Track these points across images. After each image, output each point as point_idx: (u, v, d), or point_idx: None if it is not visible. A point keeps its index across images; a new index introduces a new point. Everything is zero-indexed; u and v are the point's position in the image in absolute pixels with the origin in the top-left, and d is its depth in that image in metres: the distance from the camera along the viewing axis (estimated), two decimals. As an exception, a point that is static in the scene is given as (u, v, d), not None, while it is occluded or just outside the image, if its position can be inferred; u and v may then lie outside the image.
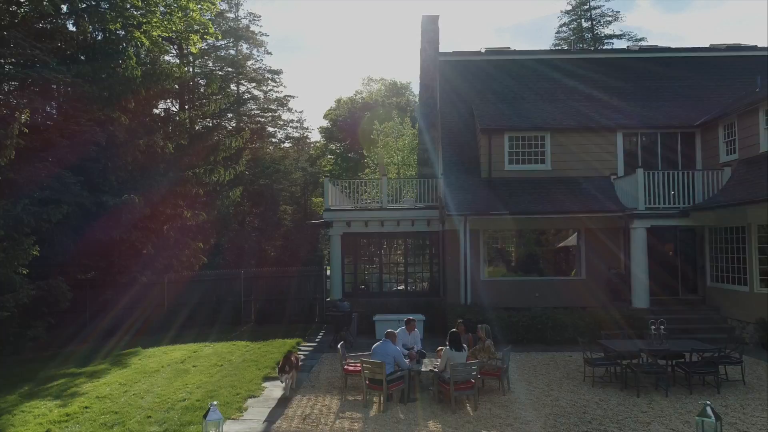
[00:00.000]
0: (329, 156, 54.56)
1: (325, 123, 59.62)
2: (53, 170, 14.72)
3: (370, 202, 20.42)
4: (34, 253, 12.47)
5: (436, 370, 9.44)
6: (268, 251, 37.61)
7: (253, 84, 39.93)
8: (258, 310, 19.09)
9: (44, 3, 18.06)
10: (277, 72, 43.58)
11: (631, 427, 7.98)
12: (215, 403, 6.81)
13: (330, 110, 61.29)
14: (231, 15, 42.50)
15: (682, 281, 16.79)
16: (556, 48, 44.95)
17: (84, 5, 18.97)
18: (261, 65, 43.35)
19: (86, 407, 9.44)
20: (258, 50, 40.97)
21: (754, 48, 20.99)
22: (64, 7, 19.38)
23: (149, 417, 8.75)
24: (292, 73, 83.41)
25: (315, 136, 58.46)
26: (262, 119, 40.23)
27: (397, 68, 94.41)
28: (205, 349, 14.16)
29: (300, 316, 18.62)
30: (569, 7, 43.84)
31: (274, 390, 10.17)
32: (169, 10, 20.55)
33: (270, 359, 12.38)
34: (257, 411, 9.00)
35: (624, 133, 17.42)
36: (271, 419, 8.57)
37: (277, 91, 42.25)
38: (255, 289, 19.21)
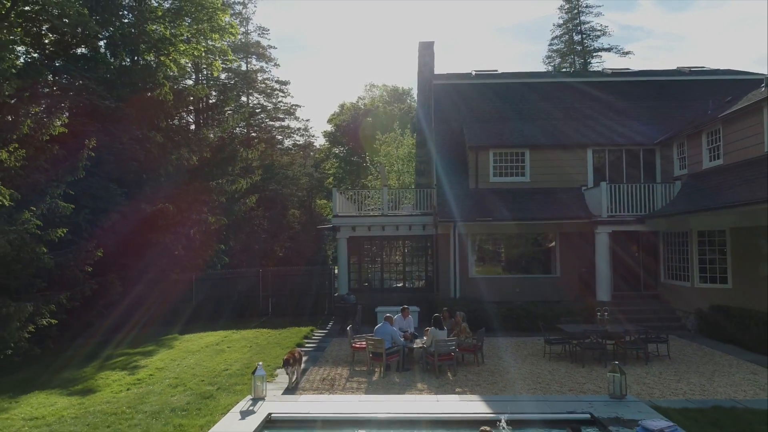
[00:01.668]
0: (333, 159, 57.24)
1: (329, 127, 62.40)
2: (104, 184, 17.33)
3: (372, 209, 23.06)
4: (99, 254, 15.12)
5: (424, 346, 12.03)
6: (277, 251, 40.20)
7: (263, 96, 42.57)
8: (274, 303, 21.69)
9: (85, 32, 20.63)
10: (285, 83, 46.30)
11: (569, 386, 10.56)
12: (260, 363, 9.44)
13: (334, 115, 63.94)
14: (241, 29, 45.19)
15: (644, 278, 19.34)
16: (548, 58, 47.67)
17: (120, 33, 21.59)
18: (269, 75, 46.11)
19: (151, 374, 12.07)
20: (267, 63, 43.60)
21: (716, 72, 23.59)
22: (99, 35, 22.07)
23: (202, 380, 11.36)
24: (293, 73, 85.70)
25: (318, 137, 61.00)
26: (272, 129, 42.82)
27: (398, 70, 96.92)
28: (233, 335, 16.79)
29: (311, 309, 21.20)
30: (561, 21, 46.41)
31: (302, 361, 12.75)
32: (194, 38, 23.19)
33: (290, 342, 15.00)
34: (286, 377, 11.57)
35: (593, 150, 19.98)
36: (298, 379, 11.16)
37: (285, 103, 44.87)
38: (271, 286, 21.80)
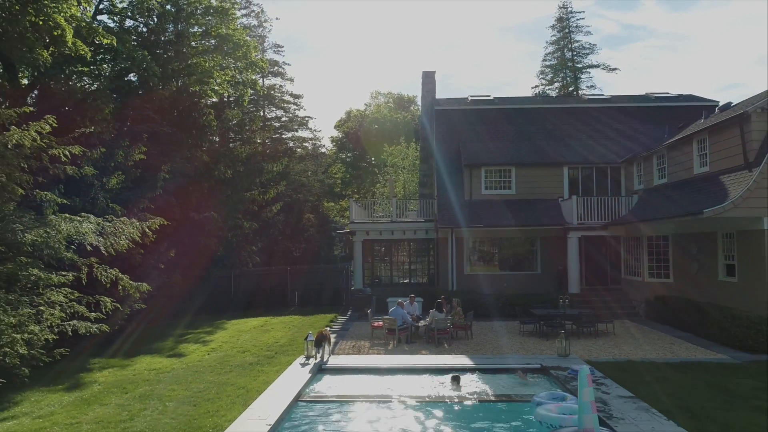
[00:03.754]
0: (339, 164, 61.24)
1: (335, 133, 66.48)
2: (166, 197, 21.23)
3: (381, 216, 26.95)
4: (171, 254, 19.02)
5: (426, 324, 15.89)
6: (293, 251, 44.14)
7: (280, 111, 46.56)
8: (300, 296, 25.59)
9: (154, 77, 24.19)
10: (299, 96, 50.27)
11: (533, 352, 14.37)
12: (311, 332, 13.33)
13: (340, 121, 67.95)
14: (258, 46, 49.10)
15: (610, 275, 23.15)
16: (542, 73, 51.45)
17: (171, 68, 25.47)
18: (285, 89, 50.01)
19: (219, 345, 15.98)
20: (283, 79, 47.58)
21: (678, 98, 27.43)
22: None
23: (261, 349, 15.25)
24: (295, 73, 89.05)
25: (325, 139, 64.84)
26: (288, 141, 46.76)
27: (401, 70, 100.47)
28: (272, 320, 20.70)
29: (331, 301, 25.11)
30: (553, 39, 50.18)
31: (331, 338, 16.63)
32: (230, 69, 27.09)
33: (321, 324, 18.90)
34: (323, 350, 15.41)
35: (569, 167, 23.78)
36: (331, 350, 15.01)
37: (298, 116, 48.84)
38: (298, 281, 25.72)
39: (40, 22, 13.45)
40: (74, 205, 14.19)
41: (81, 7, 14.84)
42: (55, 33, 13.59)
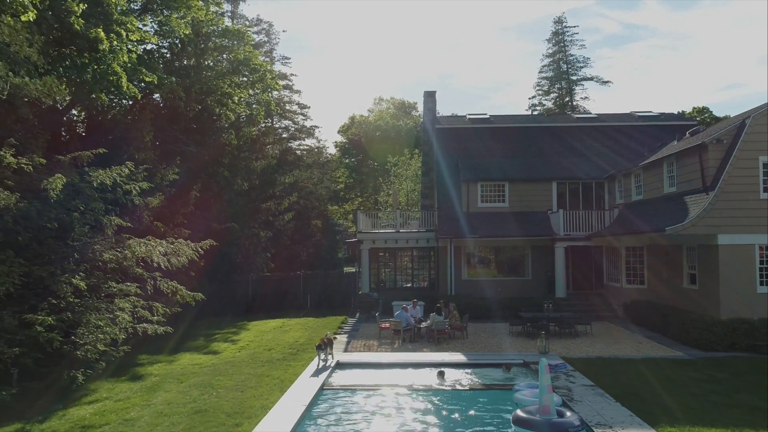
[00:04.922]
0: (343, 169, 63.67)
1: (339, 138, 68.93)
2: (193, 210, 23.60)
3: (385, 225, 29.29)
4: (201, 264, 21.42)
5: (427, 325, 18.23)
6: (301, 256, 46.49)
7: (288, 121, 48.97)
8: (312, 299, 27.93)
9: (179, 101, 26.46)
10: (305, 106, 52.63)
11: (518, 349, 16.70)
12: (329, 332, 15.67)
13: (344, 127, 70.35)
14: (266, 59, 51.43)
15: (595, 281, 25.47)
16: (538, 85, 53.75)
17: (194, 90, 27.82)
18: (292, 99, 52.36)
19: (247, 344, 18.32)
20: (291, 92, 49.95)
21: (659, 117, 29.74)
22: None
23: (284, 347, 17.59)
24: (299, 73, 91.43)
25: (328, 141, 67.10)
26: (297, 151, 49.12)
27: (403, 73, 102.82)
28: (289, 321, 23.05)
29: (340, 303, 27.45)
30: (549, 52, 52.51)
31: (342, 337, 18.99)
32: (246, 89, 29.42)
33: (334, 325, 21.25)
34: (337, 345, 17.75)
35: (557, 182, 26.09)
36: (345, 348, 17.36)
37: (305, 126, 51.22)
38: (310, 285, 28.07)
39: (97, 68, 15.76)
40: (125, 225, 16.51)
41: (129, 53, 17.12)
42: (111, 78, 15.95)
